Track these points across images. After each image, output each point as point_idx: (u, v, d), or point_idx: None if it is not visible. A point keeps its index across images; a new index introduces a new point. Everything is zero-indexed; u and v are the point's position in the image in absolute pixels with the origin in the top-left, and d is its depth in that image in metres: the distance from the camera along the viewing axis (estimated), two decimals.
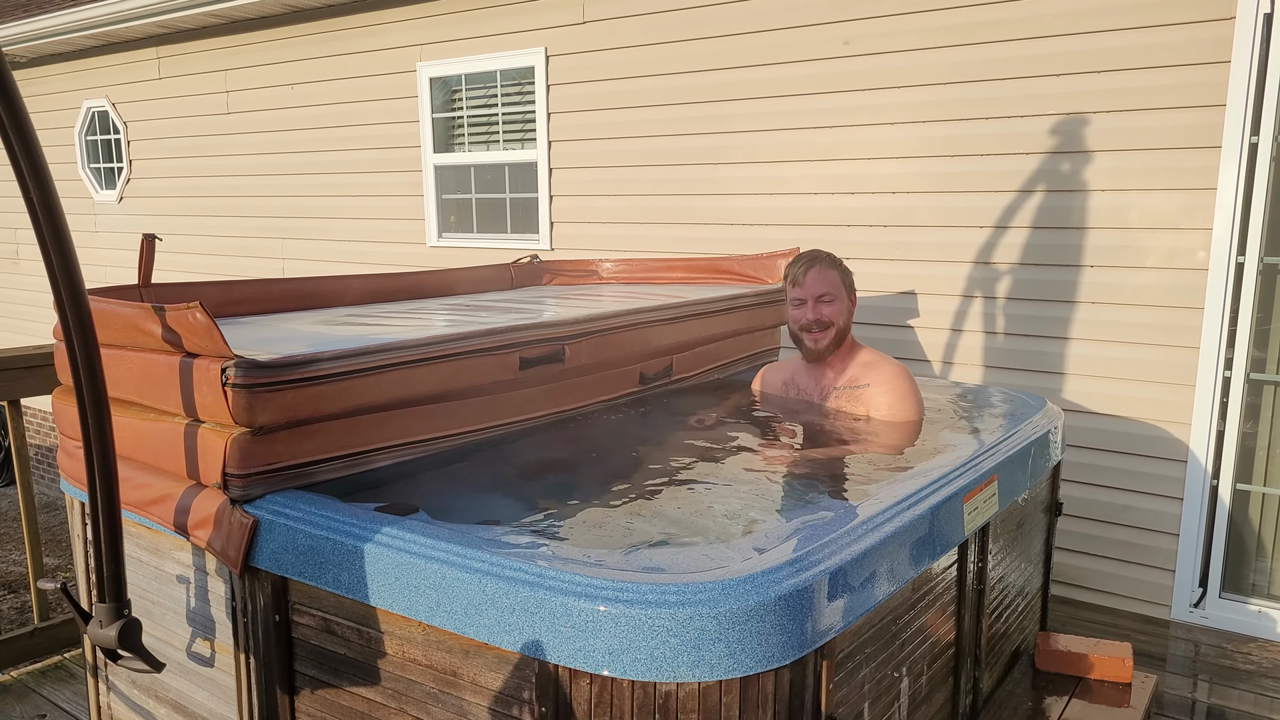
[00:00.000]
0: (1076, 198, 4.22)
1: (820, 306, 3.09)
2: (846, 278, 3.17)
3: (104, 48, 8.50)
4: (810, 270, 3.11)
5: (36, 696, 3.55)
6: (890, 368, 3.14)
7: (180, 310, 2.08)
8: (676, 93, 5.31)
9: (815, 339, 3.13)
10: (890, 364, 3.16)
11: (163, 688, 2.52)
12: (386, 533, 1.93)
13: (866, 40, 4.64)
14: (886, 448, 2.85)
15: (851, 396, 3.13)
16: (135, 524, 2.41)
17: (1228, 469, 4.04)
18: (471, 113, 6.35)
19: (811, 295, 3.10)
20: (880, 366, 3.15)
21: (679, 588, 1.63)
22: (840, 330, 3.13)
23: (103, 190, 9.00)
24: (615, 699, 1.66)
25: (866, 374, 3.14)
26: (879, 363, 3.17)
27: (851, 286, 3.18)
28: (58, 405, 2.60)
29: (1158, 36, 3.93)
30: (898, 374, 3.12)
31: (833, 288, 3.10)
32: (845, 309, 3.14)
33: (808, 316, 3.11)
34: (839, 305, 3.11)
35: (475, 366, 2.52)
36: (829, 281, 3.10)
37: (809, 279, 3.11)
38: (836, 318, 3.10)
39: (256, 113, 7.54)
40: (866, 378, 3.13)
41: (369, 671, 2.01)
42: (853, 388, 3.14)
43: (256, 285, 3.31)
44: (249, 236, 7.83)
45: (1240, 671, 3.72)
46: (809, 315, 3.10)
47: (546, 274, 4.57)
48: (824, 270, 3.11)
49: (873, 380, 3.11)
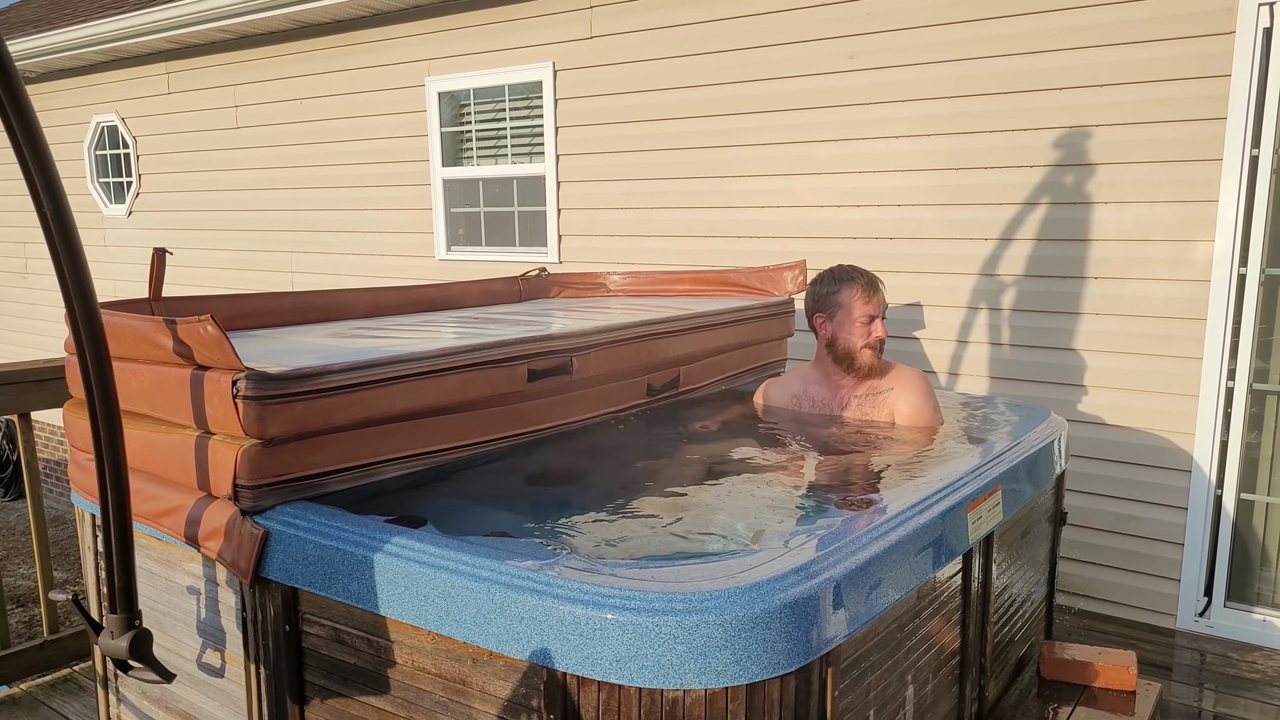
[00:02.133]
0: (1080, 210, 4.24)
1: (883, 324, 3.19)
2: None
3: (114, 63, 8.58)
4: (876, 287, 3.20)
5: (46, 709, 3.56)
6: (910, 372, 3.27)
7: (191, 323, 2.10)
8: (683, 107, 5.35)
9: (875, 355, 3.20)
10: (908, 369, 3.30)
11: (173, 698, 2.53)
12: (396, 543, 1.95)
13: (871, 55, 4.67)
14: (892, 457, 2.87)
15: (875, 403, 3.20)
16: (146, 535, 2.43)
17: (1231, 479, 4.05)
18: (480, 127, 6.40)
19: (880, 311, 3.18)
20: (900, 371, 3.27)
21: (685, 596, 1.65)
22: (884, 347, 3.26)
23: (112, 205, 9.06)
24: (623, 706, 1.67)
25: (888, 379, 3.24)
26: (898, 368, 3.28)
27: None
28: (69, 418, 2.63)
29: (1159, 51, 3.96)
30: (917, 377, 3.25)
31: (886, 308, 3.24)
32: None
33: (878, 334, 3.16)
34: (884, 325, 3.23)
35: (484, 378, 2.55)
36: (884, 301, 3.22)
37: (879, 296, 3.19)
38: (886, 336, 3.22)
39: (265, 127, 7.60)
40: (889, 383, 3.23)
41: (379, 680, 2.02)
42: (875, 394, 3.22)
43: (266, 299, 3.34)
44: (258, 250, 7.88)
45: (1245, 680, 3.72)
46: (880, 332, 3.16)
47: (555, 287, 4.59)
48: (881, 287, 3.22)
49: (895, 384, 3.22)
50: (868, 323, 3.17)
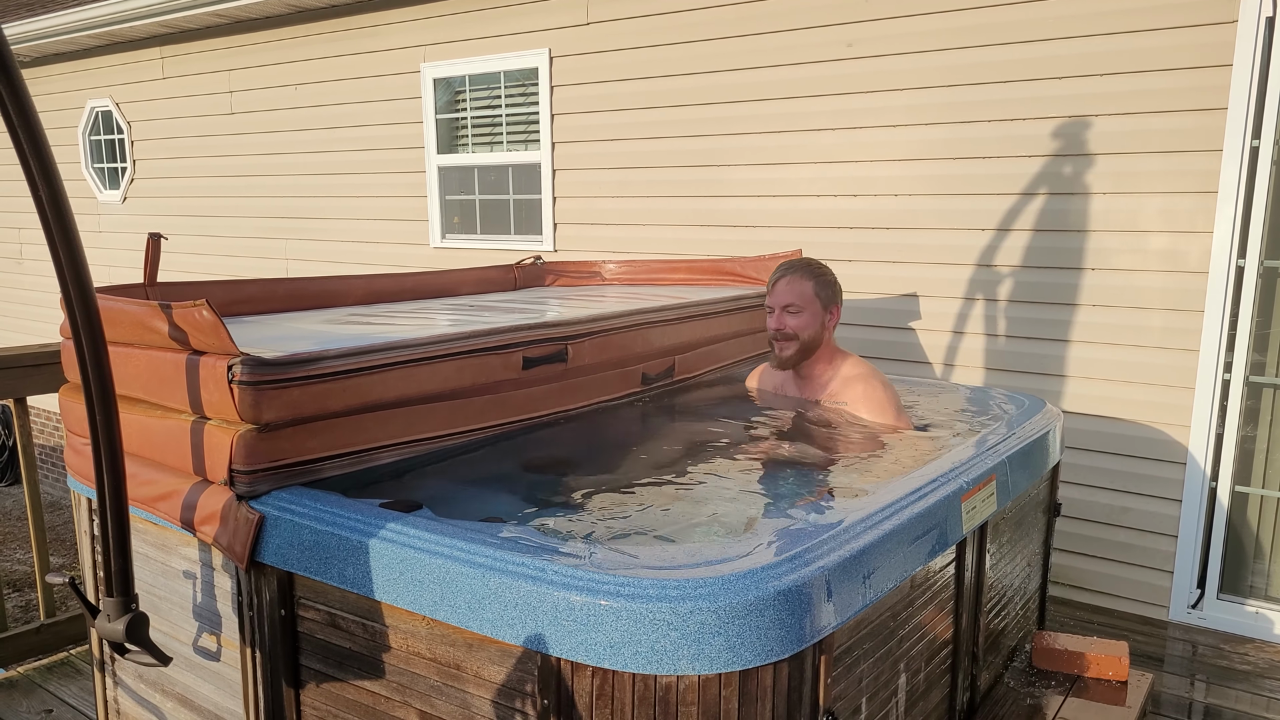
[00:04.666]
0: (1077, 200, 4.24)
1: (784, 317, 3.11)
2: (824, 290, 3.13)
3: (108, 47, 8.54)
4: (781, 279, 3.12)
5: (43, 692, 3.57)
6: (864, 385, 3.13)
7: (187, 308, 2.10)
8: (680, 94, 5.34)
9: (780, 348, 3.15)
10: (866, 380, 3.14)
11: (169, 682, 2.54)
12: (391, 528, 1.95)
13: (870, 43, 4.66)
14: (886, 446, 2.87)
15: (833, 411, 3.15)
16: (142, 520, 2.43)
17: (1226, 471, 4.06)
18: (475, 114, 6.38)
19: (778, 304, 3.11)
20: (855, 384, 3.14)
21: (679, 583, 1.65)
22: (805, 343, 3.12)
23: (106, 190, 9.03)
24: (616, 691, 1.68)
25: (844, 390, 3.15)
26: (855, 378, 3.15)
27: (831, 300, 3.15)
28: (65, 402, 2.62)
29: (1159, 40, 3.95)
30: (873, 389, 3.11)
31: (801, 299, 3.09)
32: (815, 321, 3.12)
33: (771, 325, 3.14)
34: (806, 317, 3.10)
35: (479, 365, 2.55)
36: (798, 292, 3.09)
37: (778, 288, 3.12)
38: (801, 330, 3.10)
39: (260, 113, 7.57)
40: (844, 395, 3.14)
41: (374, 665, 2.03)
42: (832, 403, 3.16)
43: (261, 285, 3.33)
44: (252, 237, 7.86)
45: (1237, 672, 3.74)
46: (772, 324, 3.13)
47: (550, 275, 4.59)
48: (795, 280, 3.11)
49: (850, 399, 3.12)
50: (769, 314, 3.15)
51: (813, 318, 3.11)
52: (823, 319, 3.14)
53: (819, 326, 3.13)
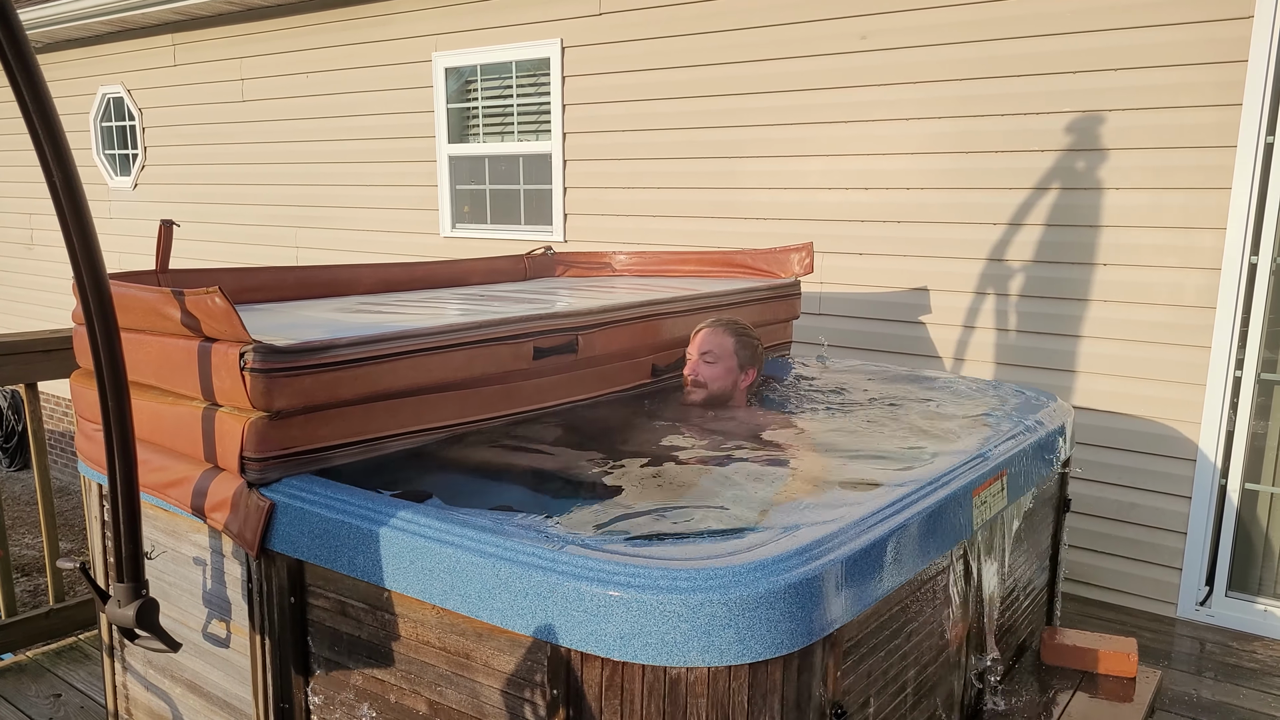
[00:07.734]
0: (1090, 195, 4.22)
1: (699, 364, 3.16)
2: (745, 349, 3.19)
3: (120, 34, 8.54)
4: (705, 328, 3.19)
5: (52, 676, 3.59)
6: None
7: (199, 295, 2.10)
8: (692, 85, 5.32)
9: (687, 391, 3.19)
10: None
11: (178, 668, 2.55)
12: (401, 517, 1.95)
13: (883, 35, 4.64)
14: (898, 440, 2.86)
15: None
16: (153, 506, 2.44)
17: (1236, 468, 4.05)
18: (486, 104, 6.37)
19: (696, 351, 3.18)
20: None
21: (690, 574, 1.65)
22: (713, 394, 3.16)
23: (117, 177, 9.05)
24: (626, 682, 1.68)
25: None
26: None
27: (750, 361, 3.20)
28: (76, 388, 2.63)
29: (1174, 35, 3.93)
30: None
31: (719, 350, 3.16)
32: (728, 376, 3.16)
33: (686, 369, 3.19)
34: (719, 370, 3.15)
35: (490, 355, 2.55)
36: (717, 343, 3.16)
37: (700, 335, 3.19)
38: (712, 380, 3.15)
39: (271, 101, 7.58)
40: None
41: (383, 653, 2.03)
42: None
43: (272, 273, 3.34)
44: (262, 225, 7.87)
45: (1245, 669, 3.73)
46: (687, 368, 3.19)
47: (560, 266, 4.59)
48: (718, 333, 3.18)
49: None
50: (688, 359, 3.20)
51: (726, 372, 3.16)
52: (736, 377, 3.19)
53: (731, 383, 3.18)
